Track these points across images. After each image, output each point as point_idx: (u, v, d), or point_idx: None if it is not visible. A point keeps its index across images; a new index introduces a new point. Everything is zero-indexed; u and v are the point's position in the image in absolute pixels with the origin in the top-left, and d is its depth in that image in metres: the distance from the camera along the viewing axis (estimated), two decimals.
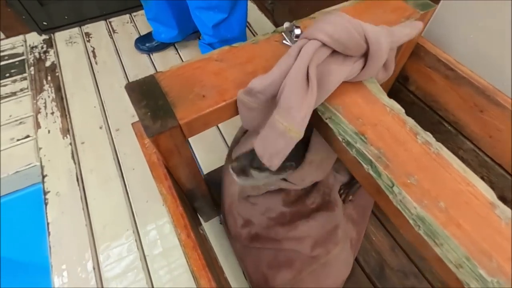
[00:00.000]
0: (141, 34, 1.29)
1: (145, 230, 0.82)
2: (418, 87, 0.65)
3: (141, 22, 1.35)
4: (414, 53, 0.62)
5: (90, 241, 0.80)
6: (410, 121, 0.39)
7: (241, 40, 1.05)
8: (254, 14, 1.38)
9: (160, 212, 0.84)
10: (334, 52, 0.38)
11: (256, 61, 0.45)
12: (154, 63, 1.20)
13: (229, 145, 0.97)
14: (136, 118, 1.03)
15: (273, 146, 0.37)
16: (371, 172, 0.35)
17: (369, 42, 0.36)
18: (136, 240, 0.80)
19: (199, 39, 1.25)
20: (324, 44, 0.36)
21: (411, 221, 0.32)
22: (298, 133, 0.35)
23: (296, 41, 0.46)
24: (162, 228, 0.82)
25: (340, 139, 0.38)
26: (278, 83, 0.37)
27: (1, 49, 1.23)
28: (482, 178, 0.61)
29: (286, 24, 0.48)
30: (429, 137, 0.37)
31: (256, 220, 0.67)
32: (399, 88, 0.70)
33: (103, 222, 0.83)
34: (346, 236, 0.69)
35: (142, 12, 1.39)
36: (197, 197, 0.64)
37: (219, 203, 0.73)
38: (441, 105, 0.63)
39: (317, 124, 0.42)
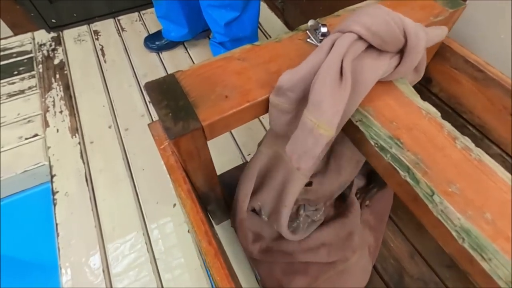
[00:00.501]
0: (150, 33, 1.27)
1: (154, 233, 0.80)
2: (442, 89, 0.63)
3: (150, 20, 1.33)
4: (439, 53, 0.59)
5: (99, 242, 0.78)
6: (448, 125, 0.37)
7: (253, 39, 1.04)
8: (265, 13, 1.36)
9: (170, 215, 0.83)
10: (368, 47, 0.35)
11: (280, 60, 0.43)
12: (163, 61, 1.18)
13: (239, 146, 0.95)
14: (146, 118, 1.02)
15: (302, 145, 0.35)
16: (409, 180, 0.33)
17: (408, 36, 0.33)
18: (146, 243, 0.78)
19: (209, 38, 1.23)
20: (360, 38, 0.34)
21: (454, 233, 0.30)
22: (327, 130, 0.33)
23: (322, 39, 0.44)
24: (164, 228, 0.80)
25: (373, 143, 0.36)
26: (309, 79, 0.35)
27: (10, 46, 1.22)
28: None
29: (311, 22, 0.46)
30: (468, 142, 0.35)
31: (266, 233, 0.65)
32: (420, 90, 0.67)
33: (112, 223, 0.81)
34: (364, 242, 0.67)
35: (151, 10, 1.37)
36: (211, 201, 0.62)
37: (230, 206, 0.71)
38: (466, 108, 0.60)
39: (345, 127, 0.40)
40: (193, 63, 1.18)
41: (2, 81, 1.10)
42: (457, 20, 0.55)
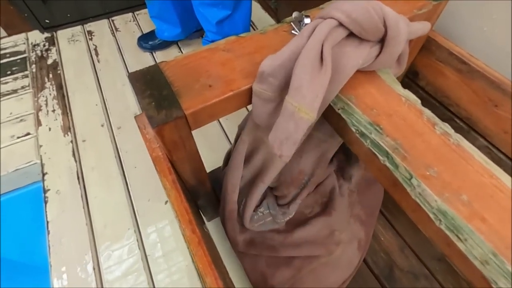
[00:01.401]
0: (144, 33, 1.28)
1: (146, 231, 0.80)
2: (429, 82, 0.64)
3: (144, 21, 1.34)
4: (425, 47, 0.60)
5: (90, 240, 0.78)
6: (427, 111, 0.37)
7: None
8: (258, 13, 1.37)
9: (162, 212, 0.82)
10: (350, 35, 0.36)
11: (264, 51, 0.44)
12: (157, 61, 1.18)
13: (232, 142, 0.95)
14: None
15: (283, 131, 0.35)
16: (388, 164, 0.33)
17: (387, 25, 0.34)
18: (137, 240, 0.78)
19: (202, 37, 1.24)
20: (340, 25, 0.34)
21: (431, 215, 0.30)
22: (308, 114, 0.33)
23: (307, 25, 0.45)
24: (162, 231, 0.80)
25: (354, 130, 0.36)
26: (290, 64, 0.35)
27: (3, 47, 1.22)
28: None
29: (295, 14, 0.47)
30: (447, 128, 0.36)
31: None
32: (408, 84, 0.68)
33: (104, 221, 0.81)
34: (353, 236, 0.67)
35: (145, 10, 1.38)
36: (200, 195, 0.62)
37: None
38: (452, 101, 0.61)
39: (328, 115, 0.41)
40: None
41: None
42: (441, 14, 0.56)
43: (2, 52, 1.20)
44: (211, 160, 0.91)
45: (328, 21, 0.34)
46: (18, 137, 0.96)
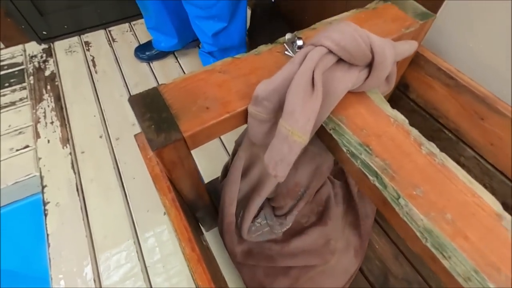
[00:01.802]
0: (141, 43, 1.29)
1: (144, 239, 0.81)
2: (419, 95, 0.66)
3: (141, 31, 1.36)
4: (414, 61, 0.62)
5: (90, 252, 0.79)
6: (414, 131, 0.39)
7: (241, 48, 1.06)
8: None
9: (161, 221, 0.84)
10: (339, 60, 0.38)
11: (259, 72, 0.46)
12: (154, 71, 1.20)
13: (229, 153, 0.97)
14: (137, 127, 1.04)
15: (278, 151, 0.37)
16: (377, 184, 0.35)
17: (374, 52, 0.36)
18: (137, 251, 0.79)
19: (199, 47, 1.25)
20: (330, 52, 0.36)
21: (418, 234, 0.32)
22: (301, 137, 0.35)
23: (298, 51, 0.47)
24: (160, 236, 0.81)
25: (345, 150, 0.38)
26: (283, 89, 0.37)
27: (1, 59, 1.23)
28: (484, 185, 0.61)
29: (288, 36, 0.49)
30: (433, 147, 0.37)
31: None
32: (399, 96, 0.70)
33: (103, 232, 0.82)
34: (349, 245, 0.69)
35: (141, 21, 1.40)
36: (199, 208, 0.63)
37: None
38: (441, 113, 0.63)
39: (321, 134, 0.42)
40: (184, 72, 1.20)
41: None
42: (428, 30, 0.58)
43: (0, 64, 1.21)
44: (209, 169, 0.93)
45: (318, 48, 0.36)
46: (17, 150, 0.97)
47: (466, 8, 0.55)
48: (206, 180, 0.89)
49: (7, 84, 1.14)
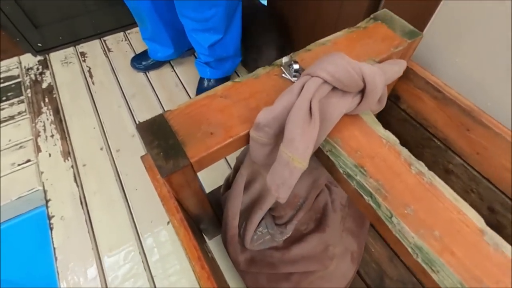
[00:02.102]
0: (136, 52, 1.31)
1: (150, 253, 0.84)
2: (409, 105, 0.69)
3: (136, 40, 1.37)
4: (404, 75, 0.65)
5: (97, 264, 0.81)
6: (404, 151, 0.42)
7: (236, 58, 1.08)
8: None
9: (164, 232, 0.86)
10: (334, 88, 0.41)
11: (258, 96, 0.48)
12: (151, 81, 1.22)
13: (229, 162, 0.99)
14: (136, 138, 1.06)
15: (280, 176, 0.40)
16: (372, 203, 0.38)
17: (366, 82, 0.39)
18: (142, 262, 0.82)
19: (195, 56, 1.27)
20: (325, 82, 0.39)
21: (409, 249, 0.35)
22: (301, 163, 0.38)
23: (295, 75, 0.49)
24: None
25: (341, 171, 0.41)
26: (283, 117, 0.40)
27: None
28: (471, 190, 0.65)
29: (285, 59, 0.51)
30: (421, 166, 0.41)
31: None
32: (391, 106, 0.73)
33: (109, 244, 0.84)
34: (346, 250, 0.72)
35: (136, 29, 1.41)
36: (203, 220, 0.66)
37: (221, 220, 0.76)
38: (430, 123, 0.66)
39: (319, 155, 0.45)
40: (180, 81, 1.22)
41: None
42: (417, 47, 0.61)
43: None
44: (210, 179, 0.96)
45: (314, 79, 0.39)
46: (19, 165, 0.98)
47: (451, 25, 0.59)
48: (208, 189, 0.92)
49: (4, 98, 1.15)
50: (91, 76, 1.23)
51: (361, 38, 0.57)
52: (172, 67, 1.27)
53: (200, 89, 1.11)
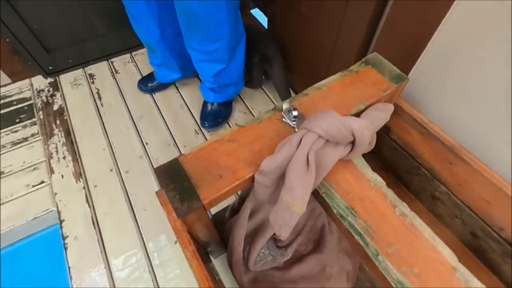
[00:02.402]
0: (142, 73, 1.37)
1: (161, 271, 0.89)
2: (399, 137, 0.75)
3: (141, 61, 1.43)
4: (394, 110, 0.71)
5: (110, 282, 0.87)
6: (390, 193, 0.48)
7: (239, 84, 1.15)
8: None
9: (172, 252, 0.92)
10: (328, 140, 0.47)
11: (262, 140, 0.54)
12: (157, 102, 1.28)
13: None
14: (143, 159, 1.12)
15: (281, 217, 0.46)
16: (361, 242, 0.44)
17: (355, 136, 0.45)
18: (152, 280, 0.87)
19: (199, 79, 1.34)
20: (320, 136, 0.45)
21: (393, 284, 0.41)
22: (300, 208, 0.44)
23: (294, 120, 0.55)
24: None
25: (335, 211, 0.47)
26: (284, 166, 0.46)
27: (9, 94, 1.29)
28: (456, 216, 0.71)
29: (285, 106, 0.57)
30: (405, 208, 0.47)
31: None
32: (383, 136, 0.80)
33: (121, 264, 0.90)
34: (342, 270, 0.78)
35: (141, 51, 1.47)
36: (211, 244, 0.72)
37: (226, 240, 0.82)
38: (418, 154, 0.73)
39: (315, 195, 0.51)
40: (185, 102, 1.28)
41: (5, 129, 1.17)
42: (404, 88, 0.67)
43: (8, 99, 1.27)
44: None
45: (311, 134, 0.45)
46: (33, 186, 1.04)
47: (437, 66, 0.65)
48: (213, 211, 0.97)
49: (18, 120, 1.21)
50: (99, 98, 1.29)
51: (354, 82, 0.63)
52: (177, 89, 1.33)
53: (204, 112, 1.18)
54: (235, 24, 0.90)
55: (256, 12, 1.49)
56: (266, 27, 1.36)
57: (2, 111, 1.23)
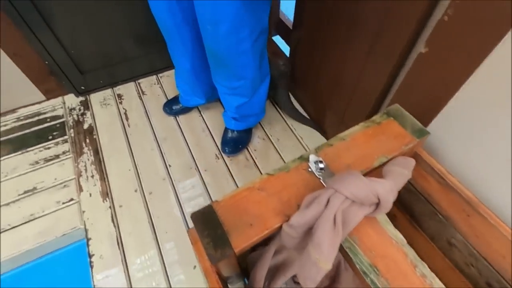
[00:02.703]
0: (167, 95, 1.44)
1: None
2: (417, 182, 0.78)
3: (167, 83, 1.50)
4: (413, 158, 0.75)
5: None
6: (411, 253, 0.51)
7: (261, 114, 1.20)
8: None
9: (191, 275, 0.96)
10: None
11: (289, 190, 0.58)
12: (180, 125, 1.34)
13: None
14: (166, 181, 1.17)
15: (308, 271, 0.49)
16: None
17: (380, 200, 0.49)
18: None
19: (222, 105, 1.39)
20: (347, 197, 0.49)
21: None
22: (326, 264, 0.48)
23: (320, 173, 0.59)
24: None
25: (358, 267, 0.50)
26: (312, 222, 0.50)
27: (43, 111, 1.38)
28: (471, 265, 0.73)
29: (312, 157, 0.61)
30: (425, 268, 0.50)
31: None
32: None
33: (144, 285, 0.94)
34: None
35: (167, 73, 1.54)
36: (232, 277, 0.76)
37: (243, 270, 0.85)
38: (435, 201, 0.75)
39: (340, 250, 0.55)
40: (207, 126, 1.34)
41: (39, 146, 1.25)
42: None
43: (43, 116, 1.36)
44: None
45: (339, 195, 0.49)
46: (63, 203, 1.10)
47: (455, 122, 0.68)
48: None
49: (50, 137, 1.29)
50: (127, 118, 1.36)
51: (376, 134, 0.66)
52: (200, 112, 1.39)
53: (225, 138, 1.23)
54: (260, 65, 0.96)
55: (279, 39, 1.55)
56: (287, 54, 1.41)
57: (37, 128, 1.31)
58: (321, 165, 0.59)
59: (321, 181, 0.59)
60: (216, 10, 0.76)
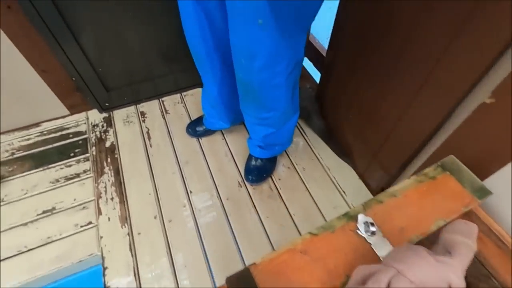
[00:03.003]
0: (190, 115, 1.41)
1: None
2: None
3: (191, 103, 1.47)
4: (468, 215, 0.67)
5: None
6: None
7: (287, 143, 1.14)
8: None
9: None
10: None
11: (336, 255, 0.52)
12: (203, 147, 1.30)
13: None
14: (187, 209, 1.12)
15: None
16: None
17: None
18: None
19: (247, 130, 1.35)
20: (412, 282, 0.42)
21: None
22: None
23: (371, 237, 0.53)
24: None
25: None
26: None
27: (66, 126, 1.36)
28: None
29: (361, 217, 0.55)
30: None
31: None
32: None
33: None
34: None
35: (191, 92, 1.52)
36: None
37: None
38: (490, 264, 0.67)
39: None
40: (230, 150, 1.29)
41: (60, 163, 1.24)
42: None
43: (66, 132, 1.34)
44: (250, 256, 1.00)
45: (403, 279, 0.42)
46: (81, 226, 1.07)
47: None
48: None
49: (72, 154, 1.27)
50: (149, 138, 1.33)
51: (431, 192, 0.60)
52: (223, 135, 1.35)
53: (249, 166, 1.18)
54: (292, 99, 0.91)
55: (309, 64, 1.50)
56: (317, 81, 1.36)
57: (59, 143, 1.30)
58: (373, 229, 0.53)
59: (372, 247, 0.52)
60: (253, 44, 0.71)
